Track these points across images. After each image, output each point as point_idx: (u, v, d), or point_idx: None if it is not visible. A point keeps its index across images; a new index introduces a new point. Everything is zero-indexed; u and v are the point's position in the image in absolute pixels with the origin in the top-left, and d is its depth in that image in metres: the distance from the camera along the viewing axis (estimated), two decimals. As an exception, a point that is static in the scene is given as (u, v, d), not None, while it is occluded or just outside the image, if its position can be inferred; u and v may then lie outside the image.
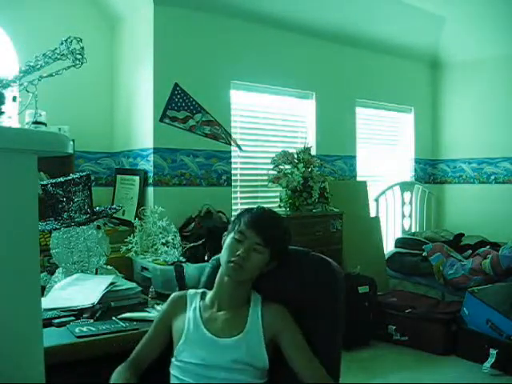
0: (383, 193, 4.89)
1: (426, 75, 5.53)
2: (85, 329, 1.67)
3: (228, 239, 1.48)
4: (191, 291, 1.54)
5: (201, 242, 3.14)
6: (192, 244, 3.14)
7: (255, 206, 1.57)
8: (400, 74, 5.18)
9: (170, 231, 3.12)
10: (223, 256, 1.46)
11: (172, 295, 1.55)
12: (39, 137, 1.02)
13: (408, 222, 5.20)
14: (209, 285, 1.56)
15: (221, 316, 1.45)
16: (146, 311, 1.90)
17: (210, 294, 1.51)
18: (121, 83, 3.90)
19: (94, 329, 1.67)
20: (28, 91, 1.39)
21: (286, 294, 1.50)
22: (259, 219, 1.50)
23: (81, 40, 1.49)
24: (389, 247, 4.83)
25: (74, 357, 1.57)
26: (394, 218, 5.07)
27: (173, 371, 1.42)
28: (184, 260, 2.95)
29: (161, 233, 3.14)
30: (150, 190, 3.57)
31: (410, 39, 4.97)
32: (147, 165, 3.60)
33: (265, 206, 4.48)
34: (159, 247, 3.07)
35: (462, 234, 4.59)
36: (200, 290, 1.55)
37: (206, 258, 3.08)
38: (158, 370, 1.47)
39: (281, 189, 3.76)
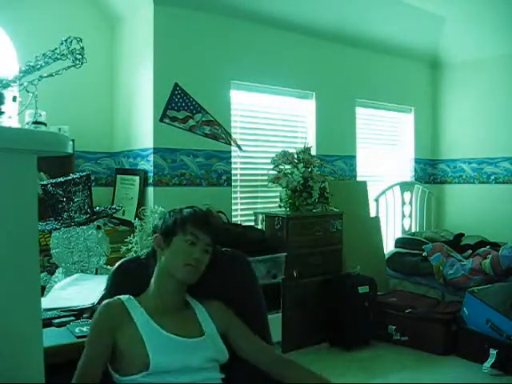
0: (383, 193, 4.88)
1: (426, 75, 5.53)
2: (85, 329, 1.66)
3: (178, 242, 1.43)
4: (123, 297, 1.43)
5: (201, 242, 3.14)
6: (192, 244, 3.14)
7: (187, 207, 1.54)
8: (400, 74, 5.18)
9: (170, 231, 3.12)
10: (175, 259, 1.41)
11: (105, 303, 1.41)
12: (39, 137, 1.02)
13: (408, 222, 5.20)
14: (119, 289, 1.49)
15: (172, 319, 1.41)
16: (146, 311, 1.89)
17: (147, 298, 1.44)
18: (121, 83, 3.90)
19: (93, 329, 1.67)
20: (28, 91, 1.39)
21: (211, 292, 1.53)
22: (207, 220, 1.49)
23: (81, 40, 1.49)
24: (389, 247, 4.83)
25: (73, 357, 1.57)
26: (394, 218, 5.07)
27: None
28: (184, 260, 2.95)
29: (161, 233, 3.13)
30: (150, 190, 3.57)
31: (410, 39, 4.97)
32: (147, 165, 3.60)
33: (265, 206, 4.47)
34: (159, 247, 3.06)
35: (462, 234, 4.59)
36: (128, 296, 1.44)
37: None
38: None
39: (281, 189, 3.76)
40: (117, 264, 1.60)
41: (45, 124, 3.18)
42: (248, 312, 1.54)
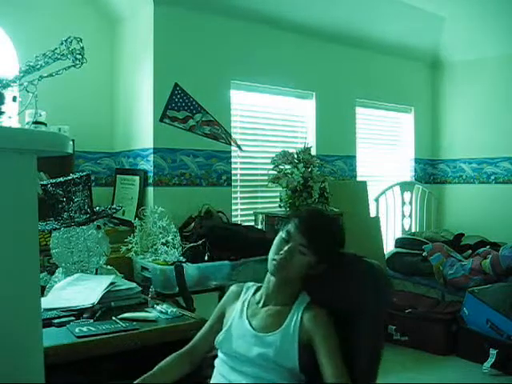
0: (383, 193, 4.88)
1: (426, 75, 5.53)
2: (85, 329, 1.67)
3: (277, 237, 1.51)
4: (249, 284, 1.58)
5: (201, 242, 3.14)
6: (192, 244, 3.14)
7: (309, 207, 1.64)
8: (400, 74, 5.18)
9: (170, 231, 3.12)
10: (270, 252, 1.49)
11: (231, 287, 1.60)
12: (39, 137, 1.02)
13: (408, 222, 5.20)
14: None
15: (264, 311, 1.47)
16: (146, 311, 1.90)
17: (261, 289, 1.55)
18: (121, 83, 3.90)
19: (93, 329, 1.67)
20: (28, 91, 1.39)
21: (334, 297, 1.49)
22: (308, 221, 1.50)
23: (81, 40, 1.49)
24: (389, 247, 4.83)
25: (74, 357, 1.57)
26: (394, 218, 5.07)
27: (216, 360, 1.47)
28: (184, 260, 2.95)
29: (161, 233, 3.14)
30: (150, 189, 3.57)
31: (410, 39, 4.97)
32: (147, 165, 3.60)
33: (265, 206, 4.46)
34: (159, 247, 3.07)
35: (462, 234, 4.59)
36: (257, 284, 1.57)
37: (205, 258, 3.09)
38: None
39: (281, 189, 3.76)
40: None
41: (45, 124, 3.17)
42: (360, 335, 1.44)
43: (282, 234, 1.49)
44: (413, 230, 5.15)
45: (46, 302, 1.90)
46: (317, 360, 1.38)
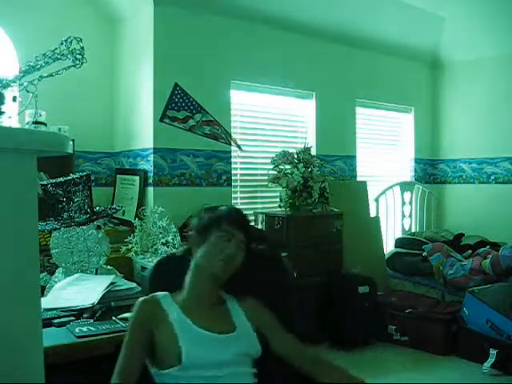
0: (383, 193, 4.88)
1: (426, 75, 5.53)
2: (85, 329, 1.66)
3: (213, 238, 1.46)
4: (159, 293, 1.47)
5: (201, 242, 3.13)
6: (192, 244, 3.14)
7: (221, 205, 1.59)
8: (400, 74, 5.17)
9: (170, 231, 3.12)
10: (210, 254, 1.45)
11: (141, 302, 1.44)
12: (39, 137, 1.02)
13: (408, 222, 5.20)
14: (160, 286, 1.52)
15: (205, 314, 1.44)
16: (146, 311, 1.89)
17: (182, 295, 1.47)
18: (121, 83, 3.90)
19: (93, 329, 1.67)
20: (28, 91, 1.39)
21: (245, 289, 1.54)
22: (242, 218, 1.54)
23: (81, 40, 1.49)
24: (389, 247, 4.83)
25: (74, 357, 1.57)
26: (394, 218, 5.07)
27: (173, 381, 1.35)
28: (184, 260, 2.95)
29: (161, 233, 3.14)
30: (150, 190, 3.57)
31: (410, 39, 4.97)
32: (147, 165, 3.60)
33: (265, 206, 4.46)
34: (159, 247, 3.07)
35: (462, 234, 4.59)
36: (165, 293, 1.48)
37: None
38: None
39: (281, 189, 3.76)
40: (155, 262, 1.66)
41: (45, 124, 3.18)
42: (279, 310, 1.56)
43: (221, 234, 1.46)
44: (413, 230, 5.15)
45: (46, 302, 1.89)
46: (268, 339, 1.46)
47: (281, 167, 3.79)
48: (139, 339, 1.38)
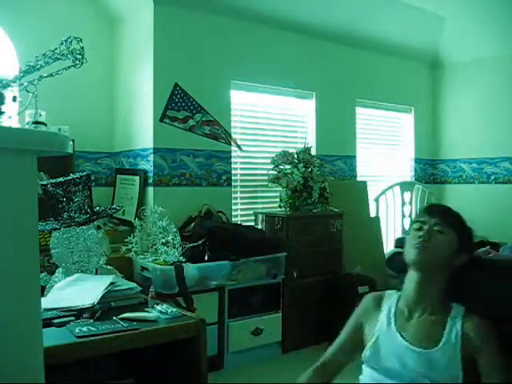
0: (383, 193, 4.88)
1: (426, 75, 5.53)
2: (85, 329, 1.66)
3: (410, 232, 1.44)
4: (390, 291, 1.48)
5: (201, 242, 3.14)
6: (192, 244, 3.15)
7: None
8: (400, 74, 5.18)
9: (170, 231, 3.12)
10: (407, 247, 1.41)
11: (366, 296, 1.50)
12: (39, 137, 1.02)
13: (408, 222, 5.20)
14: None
15: (415, 322, 1.35)
16: (146, 311, 1.89)
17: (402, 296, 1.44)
18: (121, 83, 3.90)
19: (93, 329, 1.67)
20: (28, 91, 1.39)
21: (493, 306, 1.36)
22: (433, 205, 1.54)
23: (81, 40, 1.49)
24: (389, 247, 4.83)
25: (74, 357, 1.57)
26: (394, 218, 5.07)
27: (360, 376, 1.37)
28: (184, 260, 2.95)
29: (161, 233, 3.14)
30: (150, 190, 3.57)
31: (410, 39, 4.97)
32: (147, 165, 3.60)
33: (265, 206, 4.45)
34: (159, 247, 3.07)
35: (462, 234, 4.58)
36: (398, 292, 1.46)
37: (205, 258, 3.09)
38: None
39: (281, 189, 3.76)
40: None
41: (45, 124, 3.18)
42: None
43: (414, 226, 1.42)
44: (413, 230, 5.14)
45: (46, 302, 1.89)
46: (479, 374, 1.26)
47: (281, 167, 3.79)
48: (349, 332, 1.45)
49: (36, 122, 2.98)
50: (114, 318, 1.80)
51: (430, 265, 1.35)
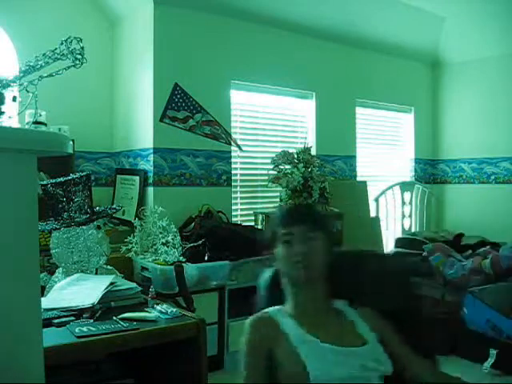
0: (383, 193, 4.88)
1: (426, 75, 5.53)
2: (85, 329, 1.66)
3: (279, 251, 1.39)
4: (271, 310, 1.40)
5: (201, 242, 3.14)
6: (192, 244, 3.14)
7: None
8: (400, 74, 5.18)
9: (170, 231, 3.12)
10: (283, 267, 1.38)
11: (254, 320, 1.38)
12: (39, 137, 1.02)
13: (408, 222, 5.20)
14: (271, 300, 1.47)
15: (325, 327, 1.34)
16: (146, 311, 1.90)
17: (288, 309, 1.40)
18: (121, 83, 3.90)
19: (93, 329, 1.67)
20: (28, 91, 1.39)
21: (364, 297, 1.45)
22: (293, 212, 1.46)
23: (81, 40, 1.49)
24: (389, 247, 4.83)
25: (74, 357, 1.57)
26: (394, 218, 5.07)
27: None
28: (184, 260, 2.95)
29: (161, 233, 3.14)
30: (150, 189, 3.57)
31: (410, 39, 4.97)
32: (147, 165, 3.60)
33: (265, 206, 4.46)
34: (159, 247, 3.07)
35: (461, 234, 4.58)
36: (276, 308, 1.41)
37: (205, 258, 3.09)
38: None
39: (281, 189, 3.75)
40: (268, 274, 1.56)
41: (45, 124, 3.17)
42: (402, 319, 1.41)
43: (281, 243, 1.38)
44: (413, 230, 5.14)
45: (46, 302, 1.89)
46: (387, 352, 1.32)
47: (281, 167, 3.79)
48: (259, 364, 1.30)
49: (36, 122, 2.98)
50: (114, 317, 1.80)
51: (315, 275, 1.37)
